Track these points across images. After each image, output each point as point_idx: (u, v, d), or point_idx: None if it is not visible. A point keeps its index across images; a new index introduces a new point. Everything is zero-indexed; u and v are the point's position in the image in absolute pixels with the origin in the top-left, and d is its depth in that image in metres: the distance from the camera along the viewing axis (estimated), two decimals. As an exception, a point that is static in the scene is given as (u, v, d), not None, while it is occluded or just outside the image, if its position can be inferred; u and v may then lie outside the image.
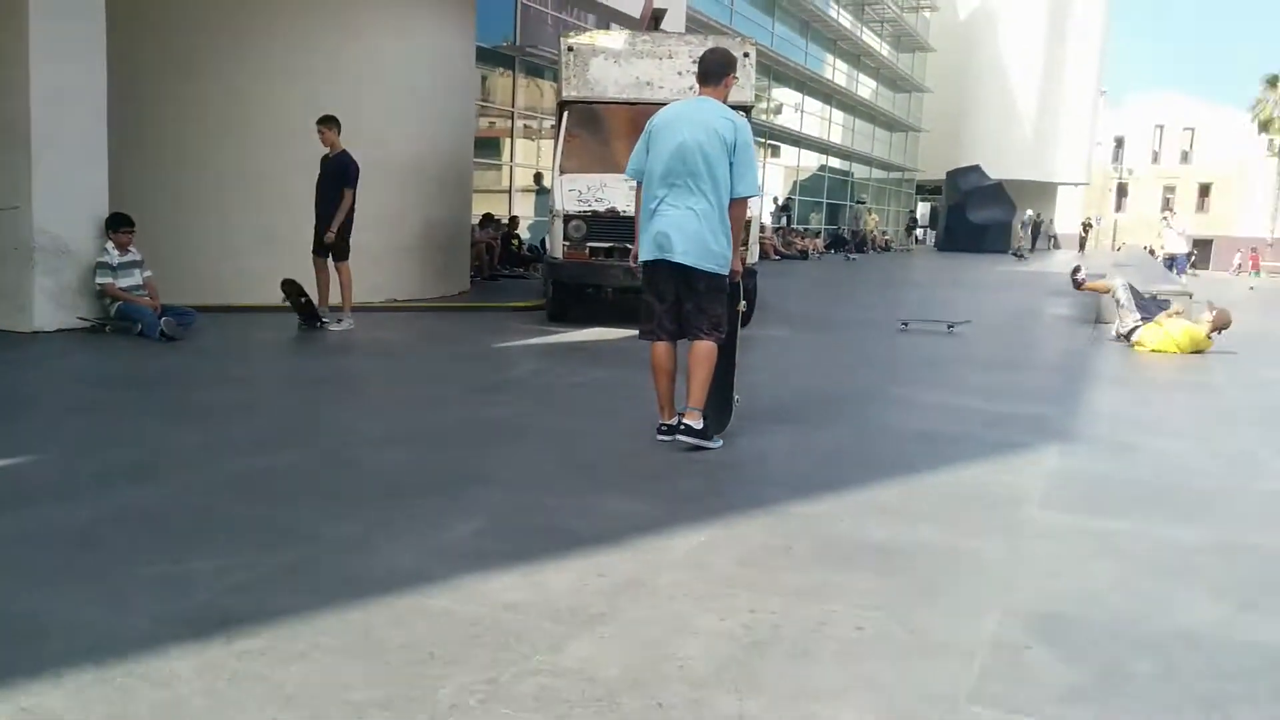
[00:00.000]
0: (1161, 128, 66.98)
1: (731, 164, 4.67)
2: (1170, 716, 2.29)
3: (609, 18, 15.65)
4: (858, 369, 7.99)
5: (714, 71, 4.89)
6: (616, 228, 9.03)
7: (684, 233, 4.63)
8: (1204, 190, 64.18)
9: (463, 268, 12.99)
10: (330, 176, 8.62)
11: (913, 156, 50.98)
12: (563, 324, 9.46)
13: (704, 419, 4.68)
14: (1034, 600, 3.00)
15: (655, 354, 4.88)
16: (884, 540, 3.49)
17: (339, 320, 8.62)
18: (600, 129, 10.15)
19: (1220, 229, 61.09)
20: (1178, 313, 9.34)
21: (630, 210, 8.98)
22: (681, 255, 4.65)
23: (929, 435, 5.34)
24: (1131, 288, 9.79)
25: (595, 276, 9.46)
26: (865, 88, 42.82)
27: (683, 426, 4.65)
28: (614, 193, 9.20)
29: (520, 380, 6.96)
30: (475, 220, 15.14)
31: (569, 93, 10.24)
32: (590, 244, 9.23)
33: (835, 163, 41.73)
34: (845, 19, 38.57)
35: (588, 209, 9.20)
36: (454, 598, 2.83)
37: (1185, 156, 66.35)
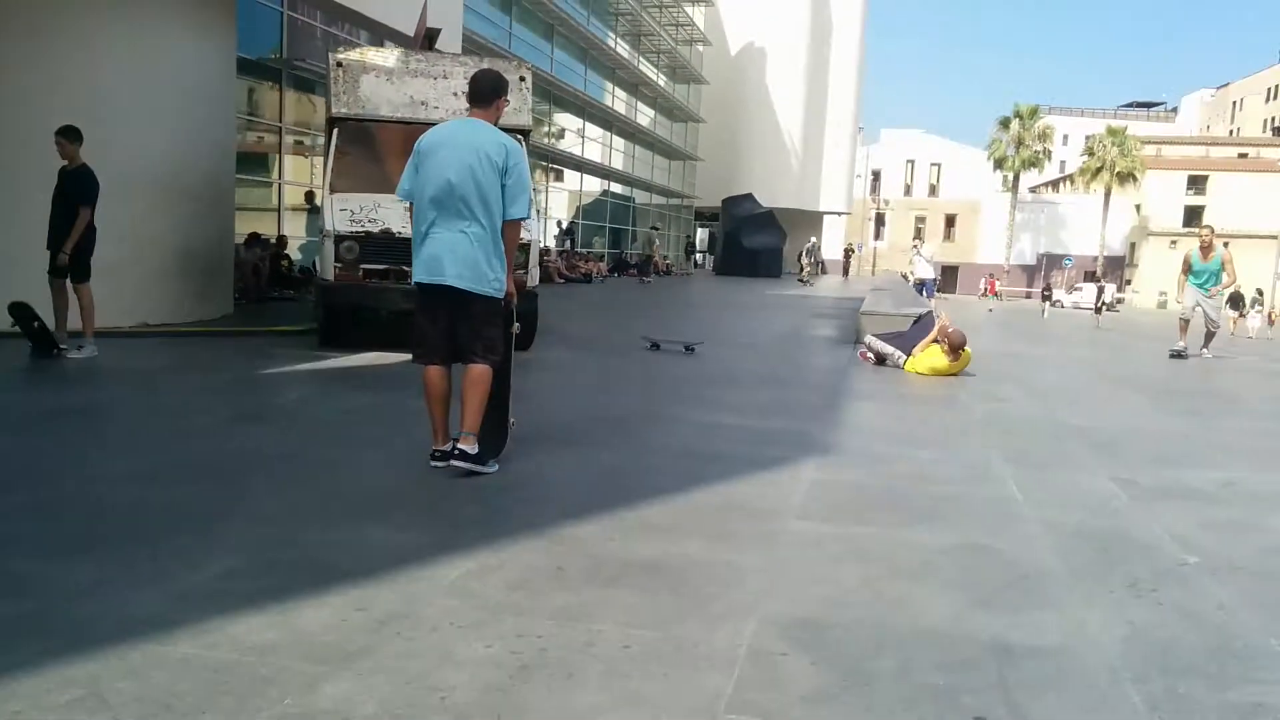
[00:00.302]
0: (912, 162, 72.31)
1: (504, 186, 4.65)
2: (906, 710, 2.43)
3: (382, 35, 15.32)
4: (636, 390, 8.12)
5: (484, 93, 4.86)
6: (391, 249, 8.81)
7: (456, 255, 4.56)
8: (950, 220, 69.63)
9: (226, 290, 12.31)
10: (67, 192, 7.97)
11: (691, 184, 52.67)
12: (335, 349, 9.12)
13: (478, 444, 4.62)
14: (789, 607, 3.13)
15: (428, 378, 4.78)
16: (652, 557, 3.55)
17: (79, 347, 7.95)
18: (373, 148, 9.91)
19: (964, 256, 66.51)
20: (935, 339, 9.86)
21: (406, 231, 8.82)
22: (454, 279, 4.58)
23: (699, 453, 5.49)
24: (877, 338, 10.31)
25: (369, 299, 9.17)
26: (644, 116, 43.94)
27: (457, 452, 4.57)
28: (388, 213, 8.97)
29: (286, 408, 6.65)
30: (241, 240, 14.41)
31: (339, 109, 9.94)
32: (364, 266, 8.94)
33: (617, 188, 42.54)
34: (623, 48, 39.49)
35: (361, 230, 8.92)
36: (198, 643, 2.64)
37: (933, 189, 71.84)
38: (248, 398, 7.06)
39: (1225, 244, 13.03)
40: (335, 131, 9.95)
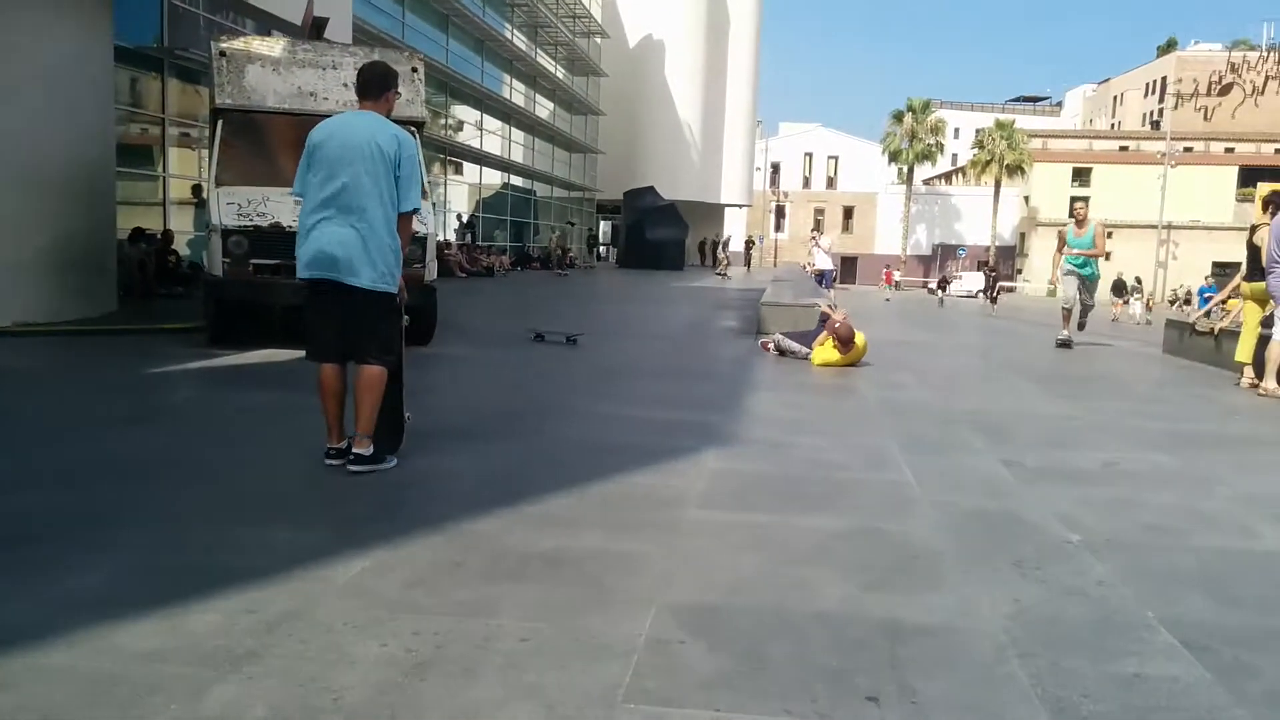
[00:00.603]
0: (810, 155, 73.62)
1: (396, 179, 4.56)
2: (798, 691, 2.47)
3: (268, 24, 14.89)
4: (539, 384, 8.08)
5: (373, 85, 4.76)
6: (282, 244, 8.55)
7: (346, 250, 4.47)
8: (848, 212, 71.10)
9: (108, 287, 11.81)
10: None
11: (592, 177, 52.63)
12: (226, 346, 8.85)
13: (373, 444, 4.53)
14: (689, 595, 3.15)
15: (323, 375, 4.67)
16: (553, 550, 3.53)
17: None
18: (260, 140, 9.63)
19: (863, 248, 68.05)
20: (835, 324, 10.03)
21: (295, 225, 8.61)
22: (345, 274, 4.48)
23: (602, 445, 5.49)
24: (785, 336, 10.51)
25: (260, 295, 8.91)
26: (543, 108, 43.71)
27: (352, 455, 4.49)
28: (278, 207, 8.73)
29: (174, 408, 6.43)
30: (124, 235, 13.86)
31: (223, 100, 9.63)
32: (254, 261, 8.69)
33: (518, 181, 42.24)
34: (520, 40, 39.20)
35: (249, 224, 8.67)
36: (76, 653, 2.54)
37: (831, 182, 73.25)
38: (134, 398, 6.79)
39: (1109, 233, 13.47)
40: (220, 123, 9.64)
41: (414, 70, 10.22)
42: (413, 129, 10.07)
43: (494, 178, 39.62)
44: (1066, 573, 3.54)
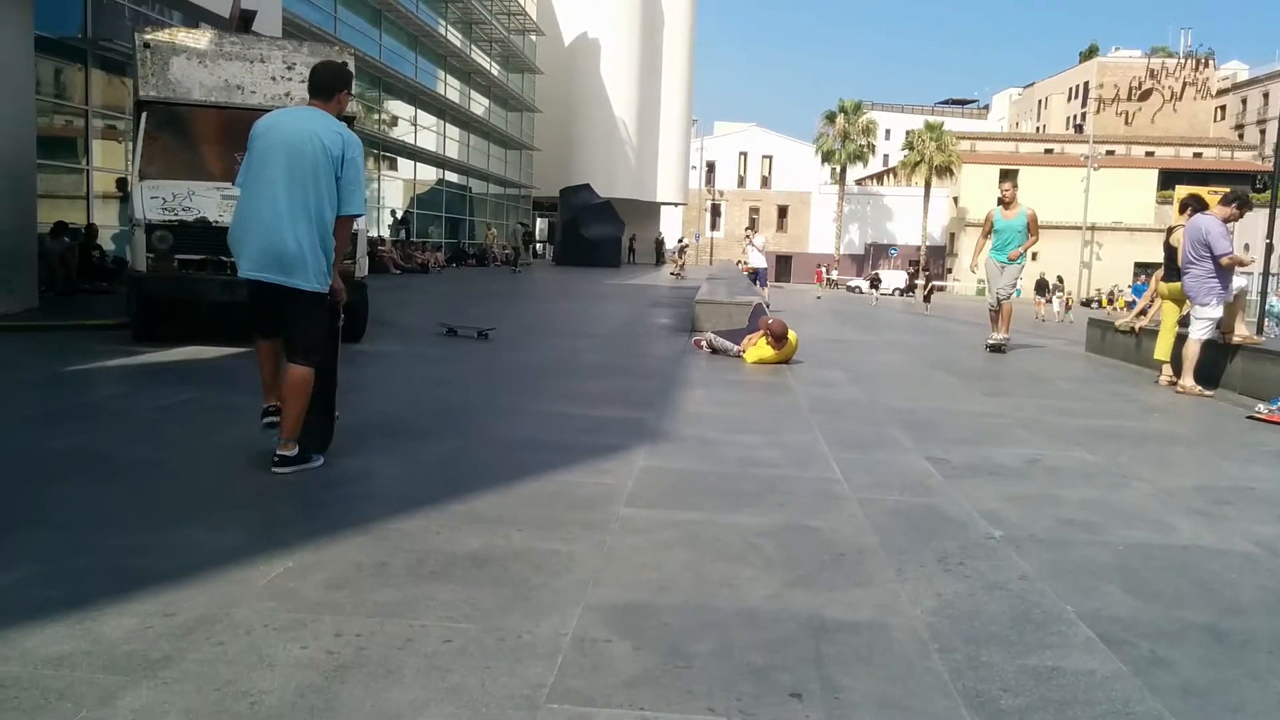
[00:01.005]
0: (745, 154, 74.15)
1: (338, 179, 4.46)
2: (722, 688, 2.48)
3: (195, 15, 14.57)
4: (470, 381, 8.01)
5: (325, 85, 4.65)
6: (208, 238, 8.40)
7: (282, 249, 4.37)
8: (782, 211, 71.76)
9: (29, 282, 11.47)
10: None
11: (528, 174, 52.40)
12: (150, 343, 8.63)
13: (300, 442, 4.46)
14: (616, 594, 3.14)
15: (261, 344, 4.69)
16: (479, 549, 3.50)
17: None
18: (186, 133, 9.41)
19: (797, 246, 68.75)
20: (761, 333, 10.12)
21: (224, 220, 8.43)
22: (278, 274, 4.39)
23: (532, 443, 5.46)
24: (717, 335, 10.60)
25: (186, 290, 8.71)
26: (478, 105, 43.40)
27: (276, 458, 4.41)
28: (204, 201, 8.56)
29: (95, 406, 6.25)
30: (46, 229, 13.46)
31: (148, 92, 9.39)
32: (179, 256, 8.49)
33: (453, 177, 41.89)
34: (455, 36, 38.87)
35: (174, 218, 8.47)
36: (-20, 659, 2.45)
37: (765, 181, 73.84)
38: (52, 396, 6.59)
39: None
40: (144, 115, 9.41)
41: (344, 64, 10.04)
42: (346, 124, 9.95)
43: (429, 174, 39.26)
44: (989, 568, 3.60)
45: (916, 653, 2.80)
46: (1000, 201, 12.39)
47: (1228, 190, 9.04)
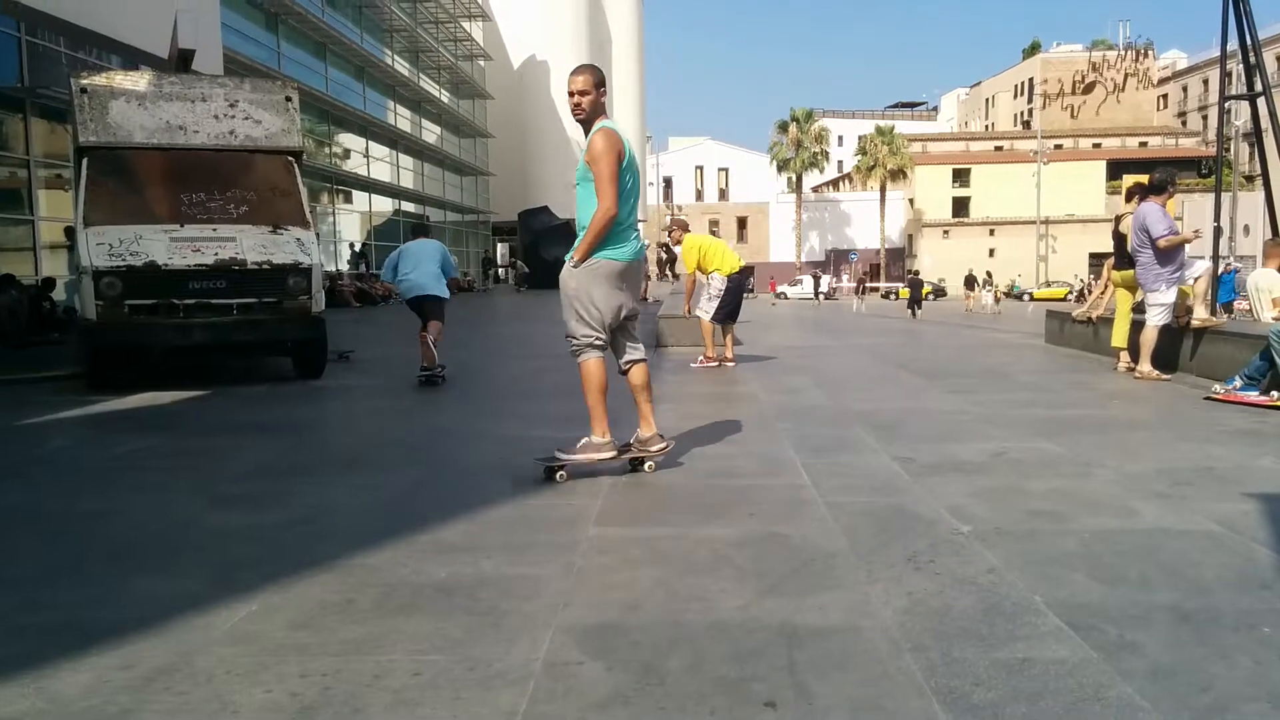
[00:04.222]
0: (701, 168, 74.54)
1: None
2: (695, 703, 2.45)
3: (133, 58, 14.42)
4: (431, 409, 7.94)
5: None
6: (158, 283, 8.29)
7: None
8: (742, 223, 72.20)
9: (-22, 338, 11.27)
10: None
11: (485, 199, 52.32)
12: (106, 391, 8.49)
13: None
14: (586, 615, 3.11)
15: None
16: (447, 579, 3.45)
17: None
18: (130, 177, 9.27)
19: (759, 256, 69.11)
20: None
21: (174, 263, 8.33)
22: None
23: (499, 468, 5.42)
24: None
25: (139, 337, 8.57)
26: (430, 133, 43.33)
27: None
28: (152, 244, 8.45)
29: (46, 459, 6.12)
30: (-7, 283, 13.25)
31: (87, 138, 9.27)
32: (129, 302, 8.36)
33: (410, 207, 41.73)
34: (402, 65, 38.81)
35: (122, 264, 8.34)
36: (-71, 726, 2.38)
37: (723, 194, 74.25)
38: (3, 450, 6.46)
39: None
40: (85, 161, 9.26)
41: (288, 99, 10.00)
42: (290, 159, 9.88)
43: (385, 204, 39.10)
44: (958, 564, 3.61)
45: (889, 653, 2.79)
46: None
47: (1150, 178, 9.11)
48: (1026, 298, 53.75)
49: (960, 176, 69.66)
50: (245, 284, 8.58)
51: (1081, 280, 54.92)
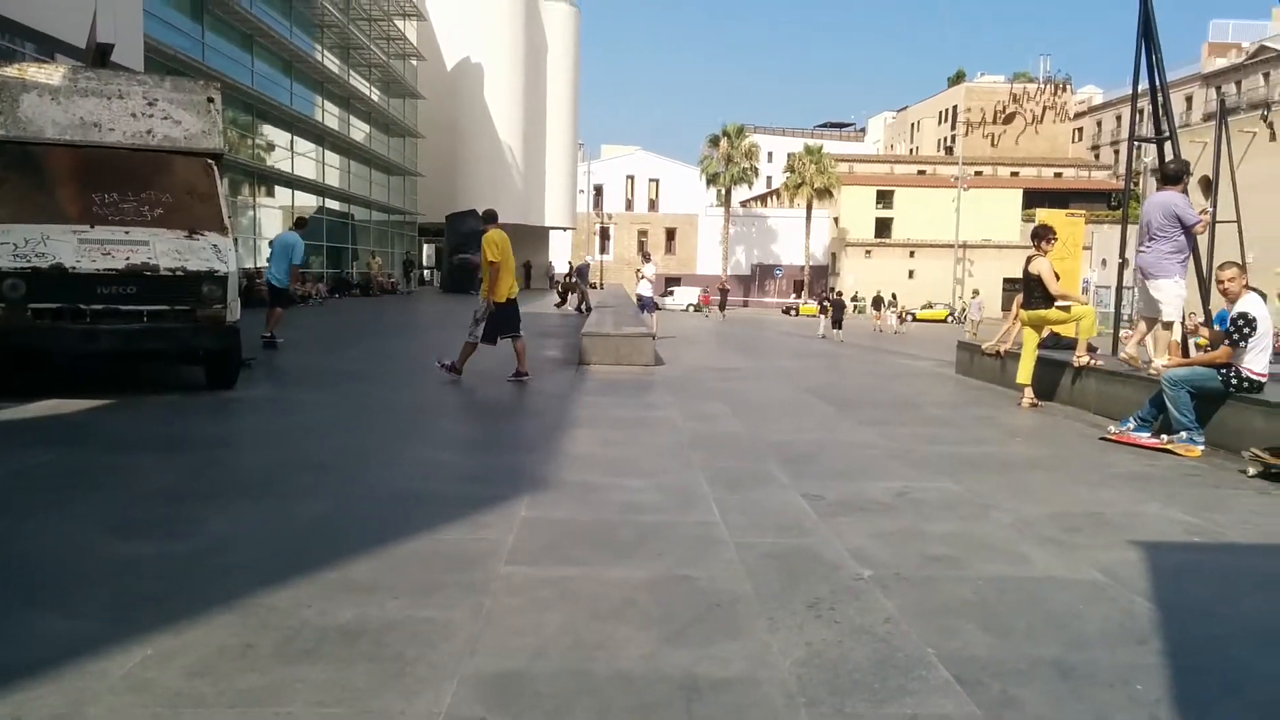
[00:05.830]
0: (632, 178, 74.69)
1: None
2: (592, 769, 2.50)
3: (50, 47, 13.98)
4: (348, 428, 7.82)
5: None
6: (64, 286, 8.06)
7: None
8: (670, 234, 72.53)
9: None
10: None
11: (413, 200, 51.73)
12: (5, 398, 8.19)
13: None
14: (492, 663, 3.13)
15: None
16: (352, 622, 3.44)
17: None
18: (38, 174, 8.96)
19: (686, 268, 69.55)
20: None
21: (81, 266, 8.10)
22: None
23: (409, 496, 5.39)
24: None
25: (40, 342, 8.28)
26: (359, 131, 42.71)
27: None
28: (60, 246, 8.20)
29: (-60, 473, 5.90)
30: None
31: (-4, 131, 8.97)
32: (32, 305, 8.09)
33: (334, 205, 41.06)
34: (332, 62, 38.23)
35: (27, 265, 8.07)
36: None
37: (653, 204, 74.52)
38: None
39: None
40: (-8, 156, 8.96)
41: (210, 101, 9.81)
42: (210, 162, 9.69)
43: (308, 201, 38.37)
44: (856, 611, 3.72)
45: (784, 708, 2.87)
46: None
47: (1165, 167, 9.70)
48: (910, 318, 56.77)
49: (884, 198, 71.04)
50: (157, 291, 8.36)
51: (962, 302, 58.12)
